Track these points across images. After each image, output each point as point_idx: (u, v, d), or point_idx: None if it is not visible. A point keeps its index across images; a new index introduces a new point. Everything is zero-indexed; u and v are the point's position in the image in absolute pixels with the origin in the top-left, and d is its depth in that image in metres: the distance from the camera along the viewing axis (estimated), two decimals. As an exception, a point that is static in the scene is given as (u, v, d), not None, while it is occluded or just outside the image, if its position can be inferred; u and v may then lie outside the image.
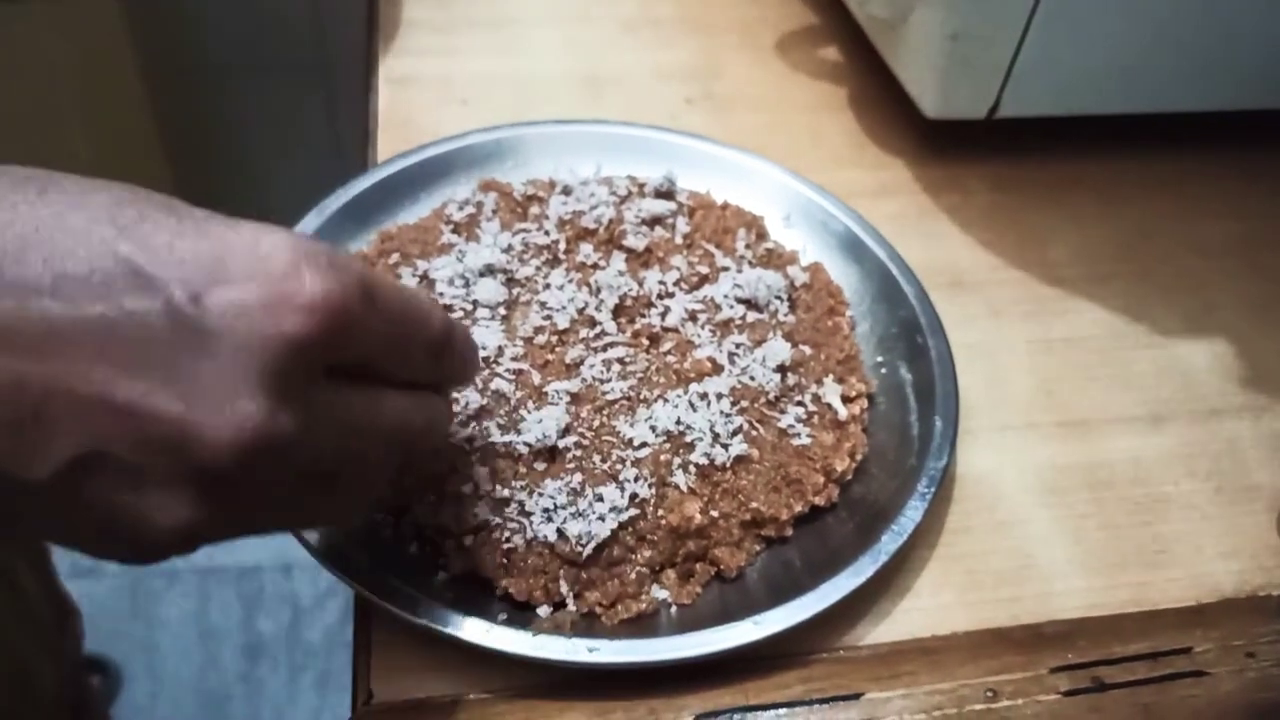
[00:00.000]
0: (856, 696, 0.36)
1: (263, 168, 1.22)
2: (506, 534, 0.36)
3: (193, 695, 1.23)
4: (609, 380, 0.41)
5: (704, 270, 0.46)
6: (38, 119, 0.97)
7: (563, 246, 0.46)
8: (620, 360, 0.42)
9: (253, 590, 1.31)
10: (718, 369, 0.42)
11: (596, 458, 0.38)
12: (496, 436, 0.39)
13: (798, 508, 0.39)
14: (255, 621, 1.29)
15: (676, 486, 0.38)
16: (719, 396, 0.41)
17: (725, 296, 0.45)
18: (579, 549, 0.36)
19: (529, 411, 0.39)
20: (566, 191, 0.49)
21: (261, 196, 1.22)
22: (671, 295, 0.44)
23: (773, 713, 0.35)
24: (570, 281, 0.44)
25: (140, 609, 1.28)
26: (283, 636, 1.28)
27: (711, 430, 0.39)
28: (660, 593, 0.37)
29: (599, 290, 0.44)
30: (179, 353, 0.23)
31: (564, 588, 0.36)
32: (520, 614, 0.36)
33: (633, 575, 0.37)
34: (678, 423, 0.39)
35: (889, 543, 0.37)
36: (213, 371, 0.23)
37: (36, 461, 0.23)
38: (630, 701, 0.35)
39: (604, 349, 0.42)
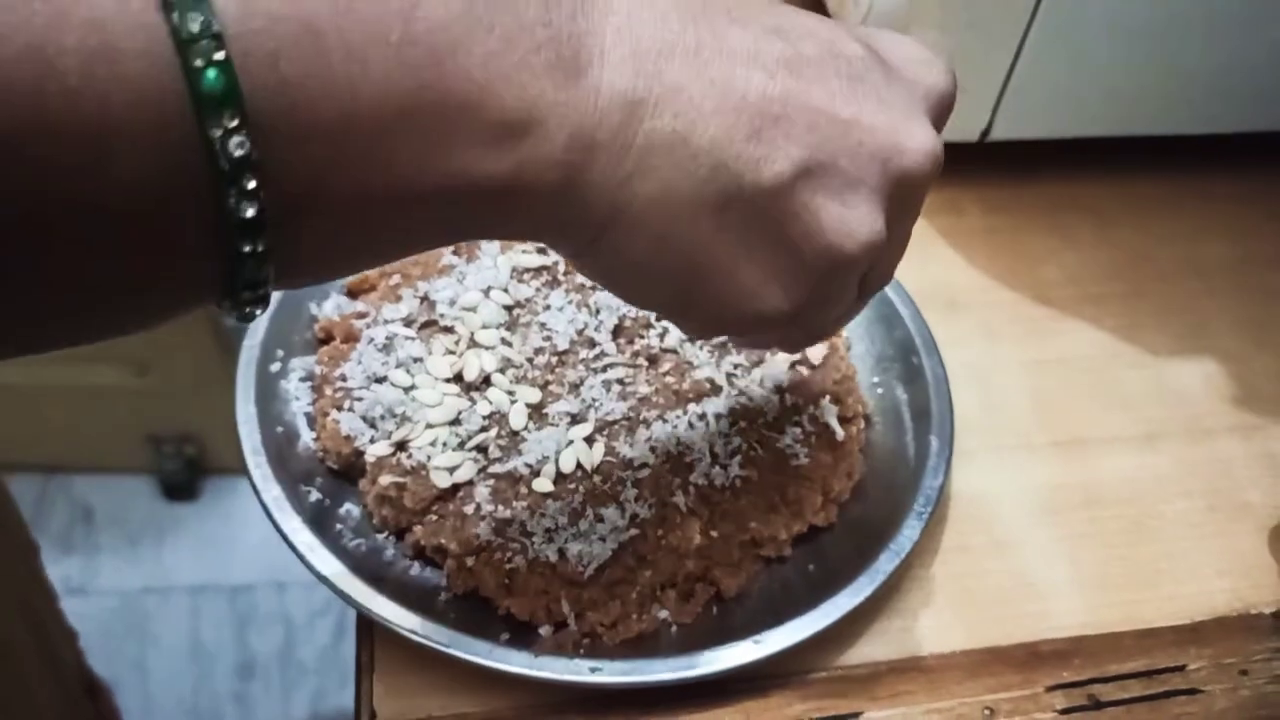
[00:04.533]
0: (855, 715, 0.36)
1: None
2: (508, 554, 0.37)
3: (185, 714, 1.22)
4: (609, 401, 0.41)
5: None
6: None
7: (562, 268, 0.46)
8: (620, 381, 0.42)
9: (245, 608, 1.31)
10: (716, 390, 0.42)
11: (597, 478, 0.39)
12: (497, 457, 0.39)
13: (796, 528, 0.40)
14: (248, 640, 1.28)
15: (676, 507, 0.38)
16: (718, 417, 0.41)
17: (723, 317, 0.45)
18: (580, 569, 0.36)
19: (530, 432, 0.40)
20: (566, 213, 0.49)
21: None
22: (670, 316, 0.45)
23: (773, 732, 0.36)
24: (570, 303, 0.45)
25: (132, 627, 1.28)
26: (275, 655, 1.27)
27: (711, 451, 0.40)
28: (661, 613, 0.37)
29: (598, 311, 0.44)
30: (879, 85, 0.28)
31: (565, 608, 0.36)
32: (522, 634, 0.36)
33: (633, 595, 0.37)
34: (677, 443, 0.40)
35: (886, 562, 0.38)
36: (904, 101, 0.28)
37: (770, 162, 0.26)
38: (631, 721, 0.35)
39: (604, 370, 0.42)
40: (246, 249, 0.21)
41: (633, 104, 0.25)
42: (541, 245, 0.47)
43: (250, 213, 0.21)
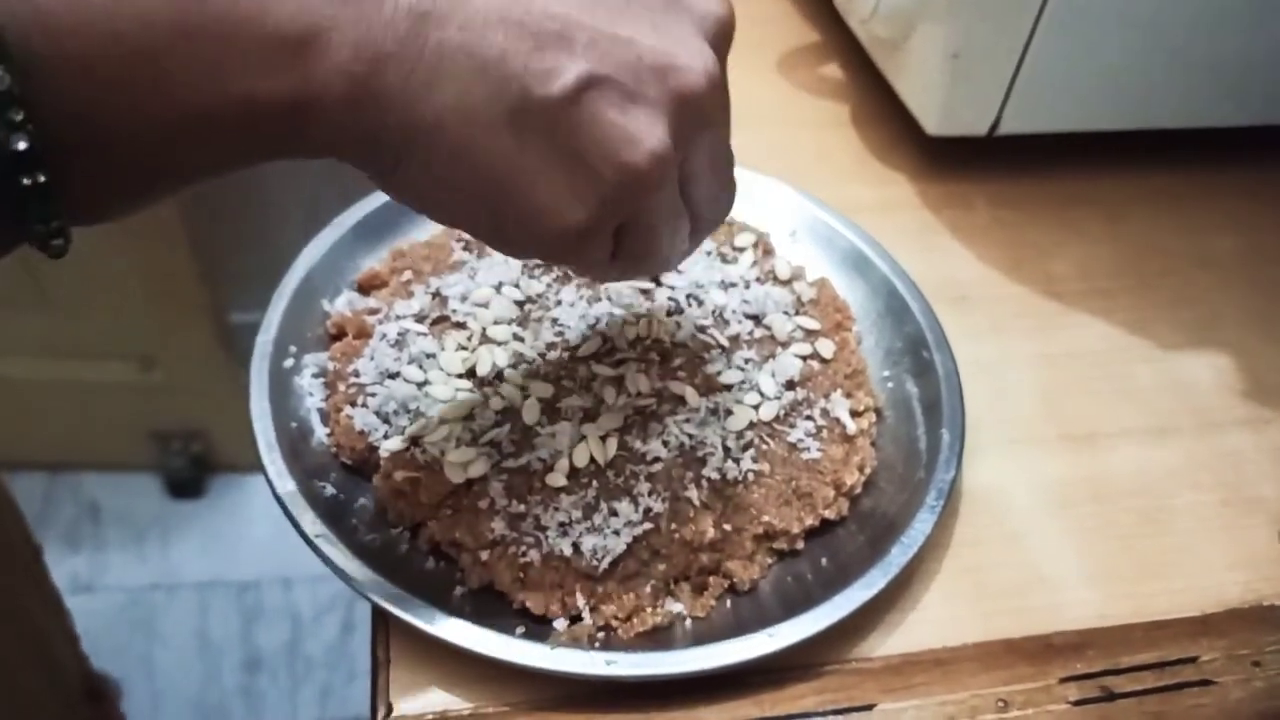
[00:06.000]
0: (870, 707, 0.36)
1: (274, 185, 1.22)
2: (523, 548, 0.37)
3: (193, 710, 1.22)
4: (621, 396, 0.41)
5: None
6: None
7: (573, 263, 0.46)
8: (632, 375, 0.42)
9: (252, 604, 1.31)
10: (728, 384, 0.42)
11: (610, 473, 0.39)
12: (510, 452, 0.39)
13: (809, 521, 0.40)
14: (255, 635, 1.29)
15: (689, 501, 0.38)
16: (729, 412, 0.41)
17: (734, 312, 0.45)
18: (594, 563, 0.37)
19: (543, 427, 0.40)
20: (576, 208, 0.49)
21: (273, 214, 1.22)
22: (681, 311, 0.45)
23: (787, 724, 0.36)
24: (581, 298, 0.45)
25: (139, 623, 1.28)
26: (283, 650, 1.28)
27: (723, 445, 0.40)
28: (675, 606, 0.37)
29: (609, 307, 0.44)
30: (655, 9, 0.29)
31: (580, 601, 0.36)
32: (537, 627, 0.36)
33: (648, 589, 0.37)
34: (690, 437, 0.40)
35: (899, 555, 0.38)
36: (680, 25, 0.30)
37: (555, 75, 0.27)
38: (647, 714, 0.35)
39: (616, 365, 0.42)
40: (26, 182, 0.22)
41: (419, 15, 0.26)
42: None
43: (21, 145, 0.22)
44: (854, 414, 0.43)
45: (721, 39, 0.31)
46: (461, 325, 0.44)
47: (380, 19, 0.26)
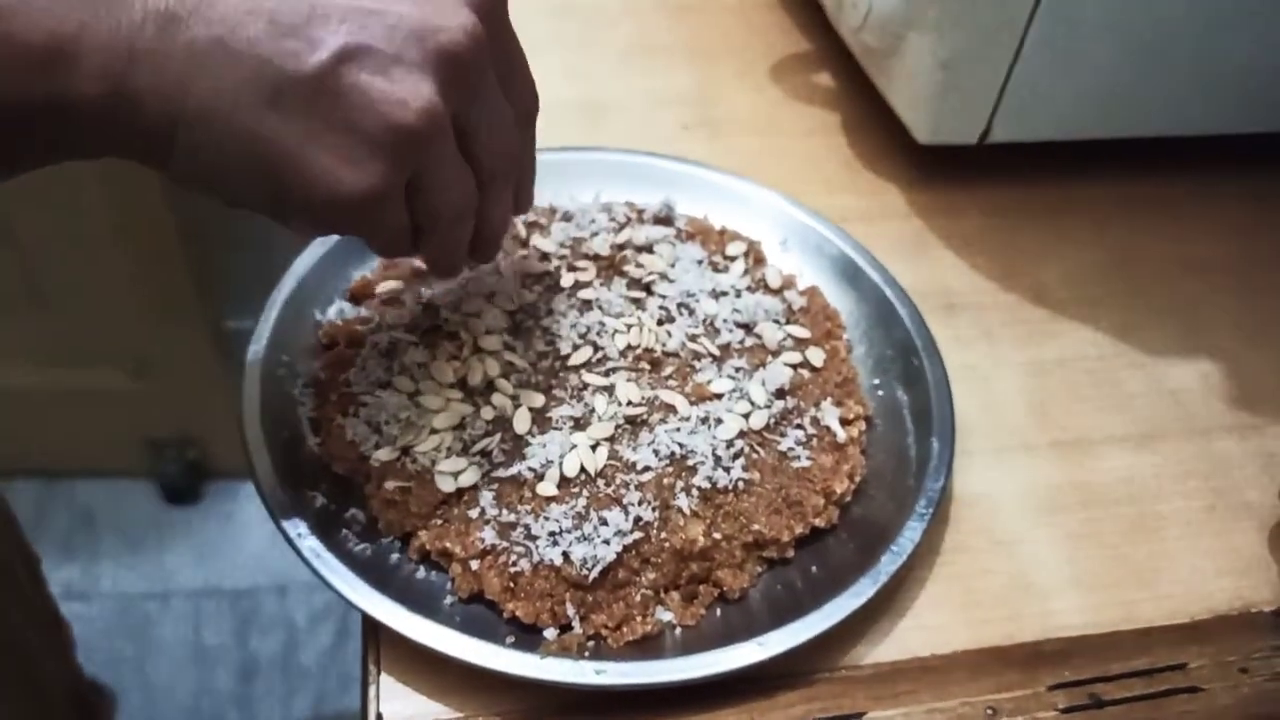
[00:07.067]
0: (859, 716, 0.37)
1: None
2: (513, 558, 0.37)
3: (187, 718, 1.22)
4: (612, 405, 0.41)
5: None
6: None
7: (564, 272, 0.47)
8: (622, 385, 0.42)
9: (247, 612, 1.31)
10: (718, 393, 0.42)
11: (600, 482, 0.39)
12: (501, 461, 0.39)
13: (799, 529, 0.40)
14: (249, 643, 1.28)
15: (679, 509, 0.39)
16: (719, 420, 0.41)
17: (724, 321, 0.46)
18: (584, 572, 0.37)
19: (533, 437, 0.40)
20: (567, 218, 0.50)
21: (266, 221, 1.22)
22: (672, 320, 0.45)
23: (777, 732, 0.36)
24: (572, 307, 0.45)
25: (134, 631, 1.28)
26: (277, 658, 1.27)
27: (713, 454, 0.40)
28: (665, 614, 0.38)
29: (600, 316, 0.44)
30: None
31: (570, 610, 0.37)
32: (527, 636, 0.36)
33: (637, 597, 0.37)
34: (680, 446, 0.40)
35: (889, 563, 0.38)
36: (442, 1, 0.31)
37: (309, 53, 0.29)
38: (636, 722, 0.35)
39: (606, 374, 0.43)
40: None
41: (167, 19, 0.28)
42: (545, 253, 0.47)
43: None
44: (844, 422, 0.43)
45: (492, 9, 0.33)
46: (453, 335, 0.44)
47: (129, 23, 0.28)
